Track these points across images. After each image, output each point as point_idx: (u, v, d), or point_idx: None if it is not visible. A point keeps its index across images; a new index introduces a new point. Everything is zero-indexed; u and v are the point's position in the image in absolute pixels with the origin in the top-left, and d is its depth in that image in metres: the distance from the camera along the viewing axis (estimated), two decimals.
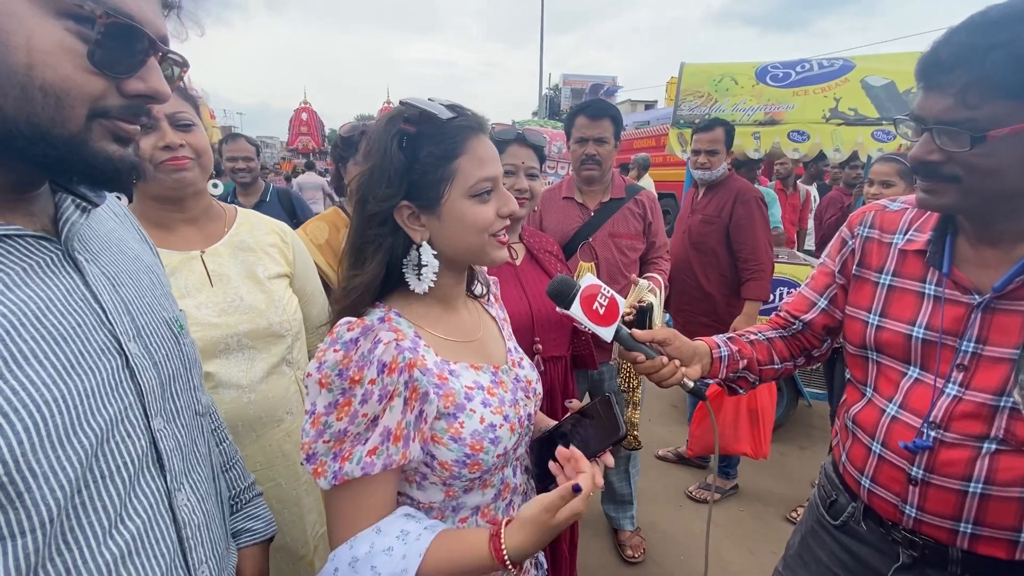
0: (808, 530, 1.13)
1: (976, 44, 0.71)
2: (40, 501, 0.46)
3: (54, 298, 0.51)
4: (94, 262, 0.58)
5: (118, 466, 0.53)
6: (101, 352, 0.54)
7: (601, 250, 2.08)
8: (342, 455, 0.71)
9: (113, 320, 0.56)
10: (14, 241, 0.50)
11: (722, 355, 1.09)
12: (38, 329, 0.48)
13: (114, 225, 0.68)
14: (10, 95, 0.45)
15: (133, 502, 0.55)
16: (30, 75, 0.45)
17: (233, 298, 1.11)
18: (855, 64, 2.87)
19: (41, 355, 0.48)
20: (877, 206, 1.02)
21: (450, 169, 0.76)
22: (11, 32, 0.44)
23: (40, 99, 0.46)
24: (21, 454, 0.44)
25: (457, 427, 0.77)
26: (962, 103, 0.72)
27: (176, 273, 1.07)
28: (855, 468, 0.98)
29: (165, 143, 1.03)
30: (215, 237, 1.15)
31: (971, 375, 0.83)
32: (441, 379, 0.77)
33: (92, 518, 0.51)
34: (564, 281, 0.96)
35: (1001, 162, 0.73)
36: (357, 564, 0.71)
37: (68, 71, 0.46)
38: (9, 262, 0.49)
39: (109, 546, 0.52)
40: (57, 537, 0.48)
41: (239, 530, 0.87)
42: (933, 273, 0.89)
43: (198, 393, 0.72)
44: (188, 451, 0.65)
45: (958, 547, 0.86)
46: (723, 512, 2.68)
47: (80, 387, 0.50)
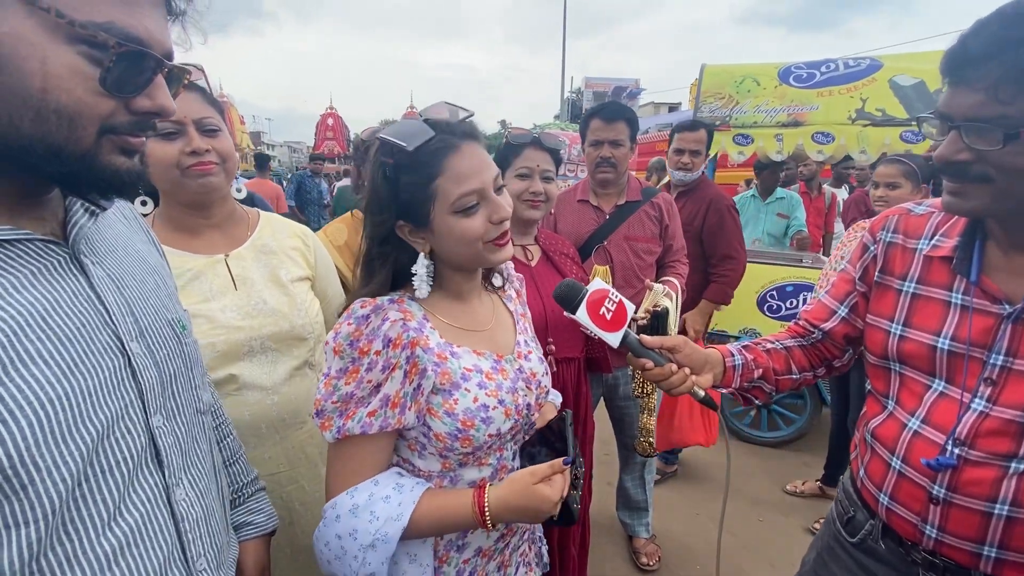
0: (824, 546, 1.09)
1: (1009, 36, 0.67)
2: (43, 493, 0.48)
3: (60, 300, 0.53)
4: (100, 264, 0.60)
5: (117, 461, 0.55)
6: (104, 352, 0.56)
7: (616, 253, 2.06)
8: (346, 414, 0.80)
9: (116, 321, 0.58)
10: (23, 245, 0.52)
11: (736, 364, 1.05)
12: (44, 330, 0.50)
13: (122, 228, 0.70)
14: (26, 117, 0.47)
15: (131, 496, 0.57)
16: (45, 98, 0.47)
17: (257, 301, 1.12)
18: (883, 63, 2.78)
19: (46, 355, 0.50)
20: (901, 210, 0.97)
21: (430, 191, 0.81)
22: (27, 58, 0.46)
23: (54, 120, 0.48)
24: (25, 448, 0.46)
25: (451, 403, 0.84)
26: (994, 98, 0.69)
27: (201, 276, 1.08)
28: (873, 484, 0.94)
29: (192, 148, 1.05)
30: (239, 241, 1.17)
31: (1000, 390, 0.79)
32: (440, 358, 0.84)
33: (92, 510, 0.53)
34: (571, 285, 0.96)
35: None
36: (358, 510, 0.80)
37: (80, 94, 0.48)
38: (18, 265, 0.51)
39: (108, 537, 0.54)
40: (58, 528, 0.50)
41: (241, 523, 0.89)
42: (960, 281, 0.85)
43: (199, 391, 0.74)
44: (188, 447, 0.67)
45: (981, 571, 0.82)
46: (743, 523, 2.61)
47: (83, 386, 0.52)
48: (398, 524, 0.79)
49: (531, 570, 1.05)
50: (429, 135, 0.80)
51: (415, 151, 0.79)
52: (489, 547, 0.93)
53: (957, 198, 0.79)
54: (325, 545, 0.82)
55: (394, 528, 0.79)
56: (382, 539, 0.79)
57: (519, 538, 0.99)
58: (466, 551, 0.91)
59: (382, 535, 0.79)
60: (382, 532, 0.79)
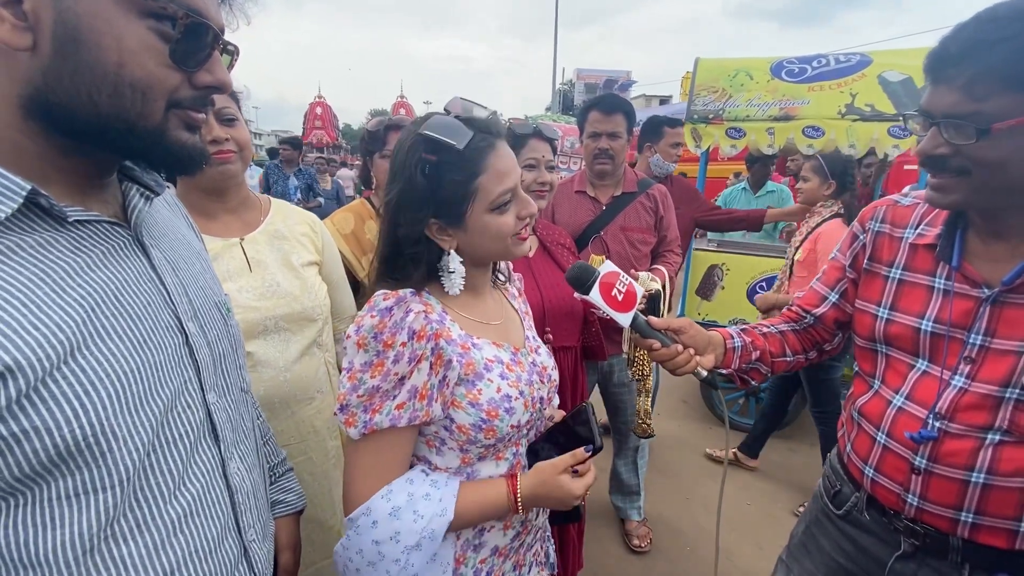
0: (812, 520, 1.15)
1: (983, 38, 0.72)
2: (120, 461, 0.51)
3: (129, 279, 0.56)
4: (157, 247, 0.62)
5: (180, 434, 0.58)
6: (167, 329, 0.59)
7: (612, 243, 2.10)
8: (372, 408, 0.78)
9: (175, 301, 0.61)
10: (94, 226, 0.54)
11: (735, 346, 1.11)
12: (117, 306, 0.53)
13: (167, 213, 0.72)
14: (104, 92, 0.49)
15: (193, 468, 0.60)
16: (120, 73, 0.49)
17: (271, 283, 1.18)
18: (872, 59, 2.83)
19: (120, 330, 0.53)
20: (888, 201, 1.03)
21: (471, 188, 0.81)
22: (103, 33, 0.47)
23: (129, 95, 0.50)
24: (105, 418, 0.49)
25: (475, 393, 0.83)
26: (968, 96, 0.74)
27: (218, 259, 1.14)
28: (860, 458, 0.99)
29: (212, 137, 1.09)
30: (253, 225, 1.22)
31: (978, 367, 0.84)
32: (464, 349, 0.84)
33: (159, 479, 0.56)
34: (584, 267, 0.99)
35: (1007, 154, 0.74)
36: (399, 512, 0.78)
37: (152, 67, 0.50)
38: (91, 244, 0.53)
39: (174, 505, 0.57)
40: (130, 495, 0.53)
41: (274, 501, 0.92)
42: (943, 267, 0.90)
43: (243, 371, 0.77)
44: (237, 424, 0.70)
45: (959, 536, 0.87)
46: (731, 507, 2.69)
47: (151, 360, 0.55)
48: (443, 519, 0.79)
49: (542, 569, 1.06)
50: (471, 133, 0.80)
51: (462, 150, 0.79)
52: (505, 546, 0.93)
53: (938, 192, 0.84)
54: (357, 553, 0.79)
55: (440, 524, 0.78)
56: (428, 537, 0.78)
57: (533, 537, 1.00)
58: (483, 551, 0.90)
59: (428, 533, 0.78)
60: (428, 530, 0.78)
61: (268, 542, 0.76)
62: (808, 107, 2.90)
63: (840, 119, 2.82)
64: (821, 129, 2.88)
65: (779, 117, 2.96)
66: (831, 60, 2.95)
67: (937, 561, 0.91)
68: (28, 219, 0.49)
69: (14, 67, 0.47)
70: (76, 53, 0.47)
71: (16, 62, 0.47)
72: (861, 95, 2.78)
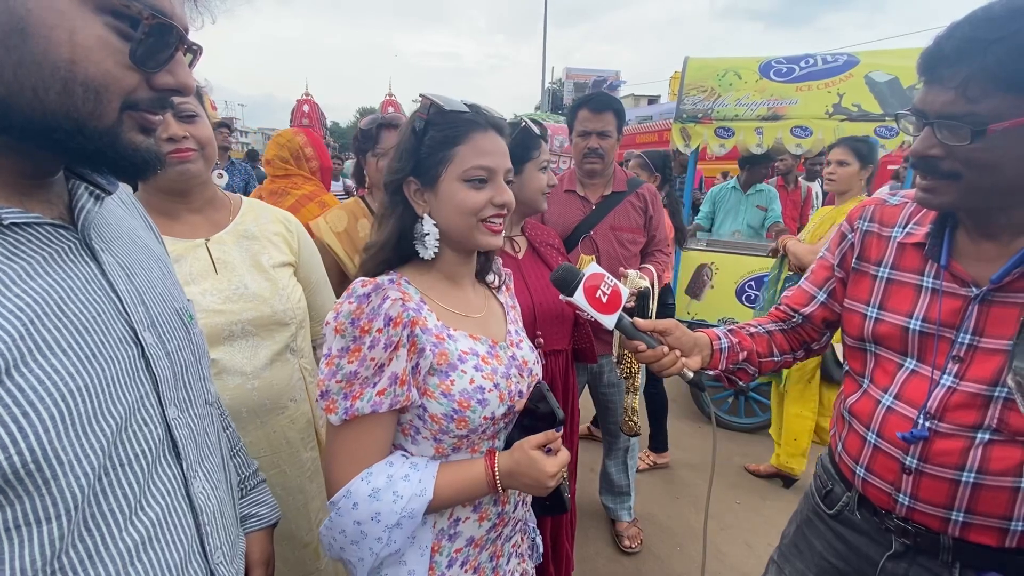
0: (803, 519, 1.15)
1: (979, 38, 0.71)
2: (66, 488, 0.46)
3: (75, 287, 0.51)
4: (108, 251, 0.58)
5: (136, 454, 0.54)
6: (119, 342, 0.54)
7: (602, 243, 2.09)
8: (352, 394, 0.80)
9: (129, 310, 0.56)
10: (33, 229, 0.50)
11: (722, 347, 1.10)
12: (60, 319, 0.49)
13: (122, 213, 0.67)
14: (52, 89, 0.45)
15: (152, 489, 0.56)
16: (72, 70, 0.45)
17: (237, 285, 1.11)
18: (859, 60, 2.86)
19: (64, 344, 0.48)
20: (877, 200, 1.02)
21: (449, 153, 0.86)
22: (54, 26, 0.44)
23: (80, 93, 0.46)
24: (48, 441, 0.45)
25: (448, 384, 0.85)
26: (963, 96, 0.73)
27: (181, 260, 1.07)
28: (851, 458, 0.99)
29: (169, 135, 1.03)
30: (220, 225, 1.16)
31: (966, 366, 0.84)
32: (439, 339, 0.86)
33: (113, 505, 0.51)
34: (568, 269, 0.98)
35: (1001, 156, 0.74)
36: (379, 493, 0.80)
37: (109, 66, 0.47)
38: (29, 250, 0.49)
39: (130, 532, 0.53)
40: (80, 524, 0.49)
41: (245, 515, 0.88)
42: (931, 266, 0.90)
43: (207, 383, 0.72)
44: (200, 439, 0.66)
45: (949, 535, 0.87)
46: (720, 506, 2.70)
47: (101, 376, 0.51)
48: (423, 499, 0.81)
49: (523, 561, 1.06)
50: (464, 108, 0.88)
51: (447, 112, 0.86)
52: (481, 537, 0.93)
53: (928, 194, 0.83)
54: (340, 533, 0.82)
55: (419, 503, 0.81)
56: (408, 515, 0.80)
57: (511, 528, 1.00)
58: (457, 540, 0.91)
59: (408, 512, 0.80)
60: (408, 509, 0.80)
61: (238, 561, 0.72)
62: (796, 107, 2.92)
63: (827, 119, 2.85)
64: (809, 129, 2.90)
65: (767, 117, 2.98)
66: (819, 60, 2.98)
67: (928, 560, 0.91)
68: None
69: None
70: (22, 45, 0.43)
71: None
72: (848, 95, 2.81)
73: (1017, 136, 0.72)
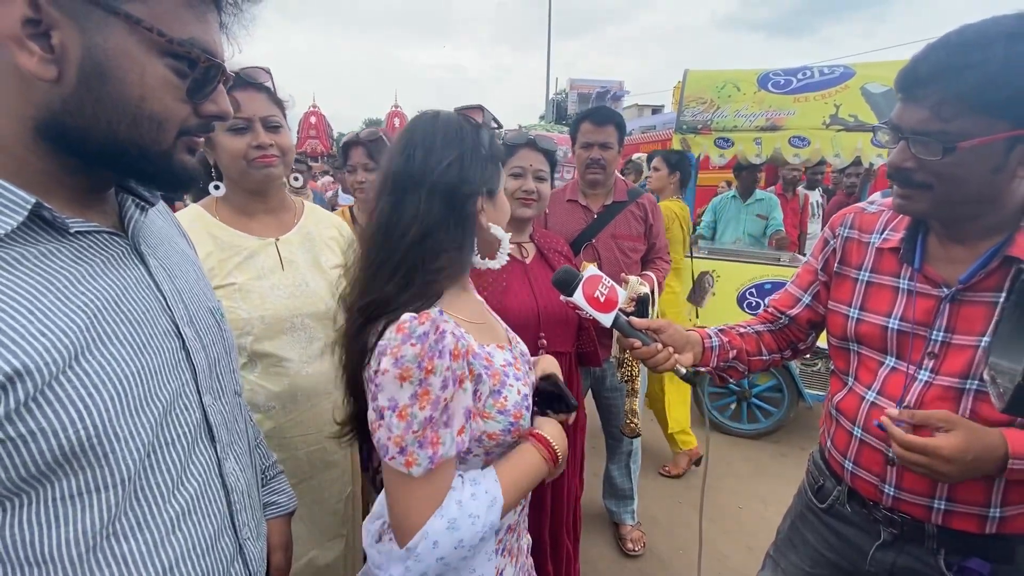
0: (797, 515, 1.20)
1: (952, 63, 0.77)
2: (121, 461, 0.53)
3: (128, 287, 0.58)
4: (154, 255, 0.65)
5: (178, 435, 0.61)
6: (165, 334, 0.61)
7: (604, 251, 2.15)
8: (431, 441, 0.75)
9: (172, 307, 0.63)
10: (94, 236, 0.57)
11: (713, 345, 1.16)
12: (118, 313, 0.56)
13: (161, 223, 0.75)
14: (123, 122, 0.53)
15: (190, 467, 0.62)
16: (141, 106, 0.53)
17: (300, 283, 1.25)
18: (855, 71, 2.92)
19: (121, 336, 0.55)
20: (856, 208, 1.09)
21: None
22: (128, 71, 0.52)
23: (147, 125, 0.54)
24: (108, 420, 0.52)
25: (503, 401, 0.85)
26: (937, 116, 0.78)
27: (255, 256, 1.21)
28: (839, 452, 1.04)
29: (258, 143, 1.16)
30: (287, 227, 1.30)
31: (940, 362, 0.90)
32: (488, 361, 0.85)
33: (159, 479, 0.58)
34: (568, 271, 1.04)
35: (968, 171, 0.80)
36: (456, 522, 0.76)
37: (169, 102, 0.55)
38: (91, 254, 0.56)
39: (172, 504, 0.59)
40: (131, 494, 0.55)
41: (266, 503, 0.94)
42: (906, 269, 0.96)
43: (236, 375, 0.79)
44: (231, 425, 0.72)
45: (933, 523, 0.92)
46: (721, 510, 2.73)
47: (151, 364, 0.57)
48: (496, 508, 0.80)
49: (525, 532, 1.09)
50: None
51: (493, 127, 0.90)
52: (515, 522, 0.95)
53: (905, 201, 0.90)
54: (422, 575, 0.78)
55: (495, 513, 0.79)
56: (489, 528, 0.79)
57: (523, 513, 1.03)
58: (500, 531, 0.90)
59: (488, 526, 0.79)
60: (487, 524, 0.79)
61: (261, 541, 0.78)
62: (794, 118, 2.98)
63: (825, 129, 2.91)
64: (807, 139, 2.96)
65: (766, 127, 3.04)
66: (815, 72, 3.04)
67: (915, 548, 0.96)
68: (32, 231, 0.51)
69: (33, 93, 0.50)
70: (101, 86, 0.51)
71: (36, 88, 0.50)
72: (845, 106, 2.87)
73: (983, 153, 0.78)
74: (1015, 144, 0.77)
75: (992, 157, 0.78)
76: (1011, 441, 0.80)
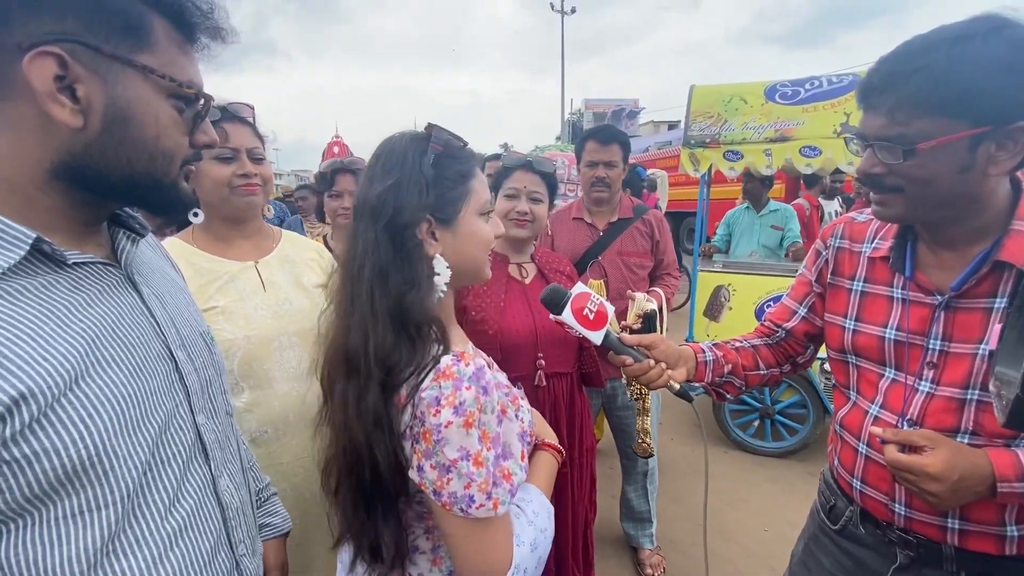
0: (811, 536, 1.15)
1: (900, 70, 0.79)
2: (120, 479, 0.56)
3: (123, 313, 0.62)
4: (146, 284, 0.69)
5: (174, 453, 0.63)
6: (159, 357, 0.64)
7: (610, 268, 2.15)
8: (503, 476, 0.76)
9: (164, 331, 0.67)
10: (90, 267, 0.61)
11: (707, 360, 1.13)
12: (114, 338, 0.59)
13: (151, 254, 0.79)
14: (142, 159, 0.59)
15: (186, 485, 0.65)
16: (157, 144, 0.60)
17: (283, 301, 1.28)
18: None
19: (118, 359, 0.58)
20: (846, 218, 1.07)
21: (468, 187, 0.83)
22: (145, 113, 0.58)
23: (160, 160, 0.61)
24: (107, 439, 0.54)
25: (521, 424, 0.86)
26: (893, 120, 0.80)
27: (236, 279, 1.24)
28: (846, 471, 1.00)
29: (244, 171, 1.23)
30: (266, 251, 1.34)
31: (941, 372, 0.87)
32: (507, 388, 0.86)
33: (156, 496, 0.60)
34: (556, 289, 1.03)
35: (934, 171, 0.80)
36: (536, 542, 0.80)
37: (177, 137, 0.62)
38: (88, 283, 0.60)
39: (170, 521, 0.61)
40: (130, 512, 0.57)
41: (261, 524, 0.96)
42: (898, 277, 0.94)
43: (227, 396, 0.82)
44: (224, 444, 0.75)
45: (950, 544, 0.88)
46: (748, 533, 2.63)
47: (146, 386, 0.61)
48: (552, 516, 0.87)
49: None
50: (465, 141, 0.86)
51: (463, 147, 0.85)
52: None
53: (881, 207, 0.89)
54: None
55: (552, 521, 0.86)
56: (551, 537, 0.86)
57: None
58: None
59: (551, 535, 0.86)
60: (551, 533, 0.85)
61: (257, 558, 0.80)
62: (803, 127, 2.95)
63: (836, 137, 2.86)
64: (818, 148, 2.92)
65: (775, 139, 3.01)
66: (823, 82, 3.01)
67: (934, 571, 0.91)
68: (33, 264, 0.55)
69: (53, 139, 0.55)
70: (124, 130, 0.57)
71: (56, 135, 0.55)
72: (855, 114, 2.82)
73: (946, 152, 0.78)
74: (978, 143, 0.77)
75: (956, 156, 0.78)
76: (996, 462, 0.77)
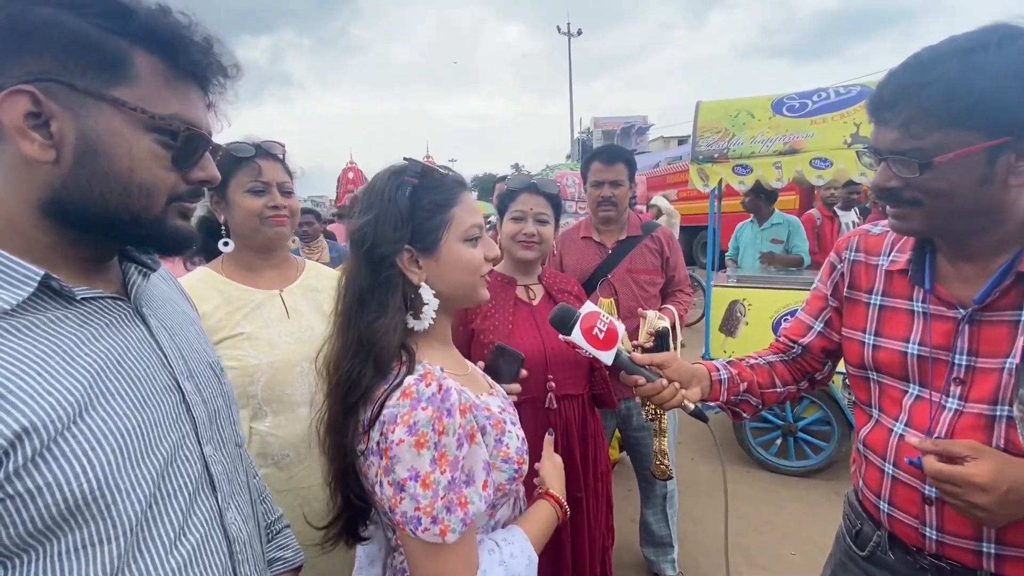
0: (837, 563, 1.10)
1: (911, 83, 0.77)
2: (123, 513, 0.55)
3: (130, 347, 0.62)
4: (155, 317, 0.69)
5: (180, 485, 0.62)
6: (165, 389, 0.64)
7: (620, 286, 2.13)
8: (457, 504, 0.74)
9: (172, 363, 0.67)
10: (99, 302, 0.61)
11: (721, 378, 1.10)
12: (119, 371, 0.59)
13: (164, 287, 0.80)
14: (115, 192, 0.58)
15: (192, 518, 0.64)
16: (131, 177, 0.58)
17: (305, 328, 1.32)
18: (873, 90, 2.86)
19: (123, 392, 0.58)
20: (861, 231, 1.05)
21: (448, 215, 0.85)
22: (117, 146, 0.57)
23: (136, 194, 0.59)
24: (111, 472, 0.54)
25: (505, 450, 0.85)
26: (907, 134, 0.78)
27: (261, 307, 1.29)
28: (872, 492, 0.96)
29: (274, 203, 1.30)
30: (290, 280, 1.39)
31: (968, 388, 0.83)
32: (488, 411, 0.85)
33: (161, 530, 0.59)
34: (565, 309, 1.02)
35: (953, 184, 0.77)
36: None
37: (156, 171, 0.60)
38: (96, 318, 0.60)
39: (175, 555, 0.60)
40: (134, 546, 0.56)
41: (272, 559, 0.94)
42: (918, 291, 0.91)
43: (237, 427, 0.81)
44: (232, 476, 0.74)
45: (986, 570, 0.83)
46: (774, 557, 2.53)
47: (151, 418, 0.60)
48: (533, 565, 0.84)
49: None
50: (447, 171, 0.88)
51: (442, 177, 0.86)
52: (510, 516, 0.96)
53: (899, 220, 0.87)
54: None
55: (533, 572, 0.83)
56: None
57: None
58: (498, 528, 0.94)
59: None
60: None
61: None
62: (813, 139, 2.92)
63: (846, 148, 2.83)
64: (828, 160, 2.88)
65: (785, 151, 2.98)
66: (831, 93, 2.99)
67: None
68: (41, 300, 0.55)
69: (36, 175, 0.56)
70: (94, 163, 0.56)
71: (38, 172, 0.55)
72: (865, 125, 2.79)
73: (964, 164, 0.75)
74: (997, 154, 0.74)
75: (975, 168, 0.76)
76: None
